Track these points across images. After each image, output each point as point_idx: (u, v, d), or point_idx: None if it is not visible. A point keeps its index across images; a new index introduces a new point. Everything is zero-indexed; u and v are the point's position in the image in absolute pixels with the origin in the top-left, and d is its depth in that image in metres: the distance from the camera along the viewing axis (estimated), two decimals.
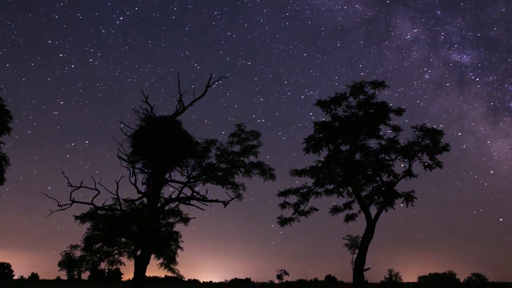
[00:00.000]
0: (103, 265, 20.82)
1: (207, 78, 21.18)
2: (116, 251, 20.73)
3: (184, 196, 20.97)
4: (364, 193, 22.44)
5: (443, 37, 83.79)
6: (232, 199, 20.80)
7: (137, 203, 21.50)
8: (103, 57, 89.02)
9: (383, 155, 22.26)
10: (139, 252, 19.75)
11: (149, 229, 19.68)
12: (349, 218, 23.74)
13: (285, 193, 22.93)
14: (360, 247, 21.46)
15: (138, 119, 20.46)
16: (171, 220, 22.31)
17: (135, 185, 20.31)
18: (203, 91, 20.99)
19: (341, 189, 23.14)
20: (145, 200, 20.72)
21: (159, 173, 20.39)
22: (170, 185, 20.92)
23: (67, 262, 20.11)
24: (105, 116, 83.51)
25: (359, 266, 20.72)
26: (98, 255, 20.28)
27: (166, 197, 21.06)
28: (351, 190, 22.76)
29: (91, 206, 19.98)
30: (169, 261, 21.69)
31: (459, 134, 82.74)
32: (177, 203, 21.49)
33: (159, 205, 20.53)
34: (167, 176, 20.73)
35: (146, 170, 20.83)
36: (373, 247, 21.83)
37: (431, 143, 21.35)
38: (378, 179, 22.37)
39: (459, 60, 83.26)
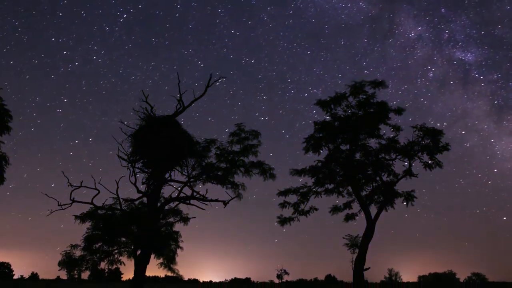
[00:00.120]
0: (103, 265, 20.79)
1: (210, 75, 21.08)
2: (116, 251, 20.72)
3: (184, 195, 20.95)
4: (364, 193, 22.45)
5: (447, 35, 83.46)
6: (232, 198, 20.79)
7: (137, 202, 21.52)
8: (107, 54, 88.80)
9: (383, 155, 22.26)
10: (139, 252, 19.75)
11: (149, 229, 19.67)
12: (349, 218, 23.73)
13: (285, 192, 22.95)
14: (360, 246, 21.47)
15: (138, 118, 20.51)
16: (171, 219, 22.33)
17: (135, 184, 20.32)
18: (203, 91, 21.03)
19: (341, 189, 23.14)
20: (145, 199, 20.72)
21: (159, 172, 20.38)
22: (170, 185, 20.91)
23: (67, 262, 20.06)
24: (109, 114, 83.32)
25: (359, 265, 20.72)
26: (98, 254, 20.25)
27: (166, 196, 21.05)
28: (351, 190, 22.77)
29: (91, 206, 19.99)
30: (169, 260, 21.70)
31: (463, 132, 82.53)
32: (177, 202, 21.49)
33: (159, 204, 20.52)
34: (167, 175, 20.73)
35: (146, 170, 20.84)
36: (373, 246, 21.87)
37: (431, 143, 21.34)
38: (378, 178, 22.38)
39: (463, 58, 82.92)
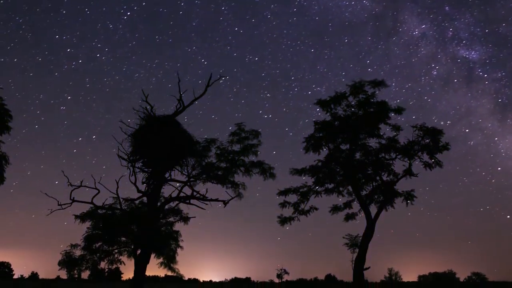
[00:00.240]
0: (103, 264, 20.78)
1: (214, 73, 21.09)
2: (116, 250, 20.72)
3: (184, 195, 20.94)
4: (364, 192, 22.47)
5: (451, 33, 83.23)
6: (232, 198, 20.79)
7: (137, 202, 21.54)
8: (110, 52, 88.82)
9: (383, 154, 22.26)
10: (139, 251, 19.74)
11: (149, 228, 19.67)
12: (349, 217, 23.75)
13: (285, 192, 22.96)
14: (360, 246, 21.48)
15: (138, 118, 20.51)
16: (171, 219, 22.36)
17: (135, 184, 20.31)
18: (204, 90, 21.02)
19: (341, 188, 23.15)
20: (145, 199, 20.72)
21: (159, 172, 20.38)
22: (170, 184, 20.90)
23: (67, 261, 20.04)
24: (113, 111, 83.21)
25: (359, 265, 20.73)
26: (98, 254, 20.24)
27: (166, 196, 21.05)
28: (351, 189, 22.78)
29: (91, 205, 19.99)
30: (169, 260, 21.70)
31: (467, 130, 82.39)
32: (177, 202, 21.49)
33: (159, 204, 20.52)
34: (167, 175, 20.73)
35: (146, 169, 20.83)
36: (373, 246, 21.89)
37: (431, 142, 21.35)
38: (378, 178, 22.39)
39: (467, 56, 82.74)
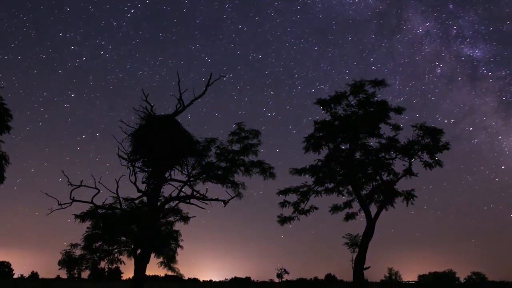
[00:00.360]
0: (103, 264, 20.74)
1: (217, 71, 21.07)
2: (116, 250, 20.70)
3: (184, 195, 20.96)
4: (364, 192, 22.47)
5: (455, 31, 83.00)
6: (232, 198, 20.82)
7: (137, 202, 21.51)
8: (114, 49, 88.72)
9: (383, 154, 22.27)
10: (139, 251, 19.75)
11: (149, 228, 19.67)
12: (349, 217, 23.75)
13: (285, 191, 22.96)
14: (360, 246, 21.48)
15: (139, 118, 20.51)
16: (171, 219, 22.33)
17: (135, 184, 20.32)
18: (204, 89, 21.01)
19: (341, 188, 23.16)
20: (145, 199, 20.73)
21: (159, 172, 20.39)
22: (170, 184, 20.92)
23: (67, 261, 20.02)
24: (116, 109, 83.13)
25: (359, 265, 20.73)
26: (98, 254, 20.22)
27: (166, 196, 21.06)
28: (351, 189, 22.79)
29: (91, 205, 19.98)
30: (169, 260, 21.67)
31: (471, 129, 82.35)
32: (177, 202, 21.48)
33: (159, 204, 20.53)
34: (167, 175, 20.76)
35: (146, 169, 20.85)
36: (373, 246, 21.91)
37: (431, 142, 21.35)
38: (378, 178, 22.39)
39: (471, 54, 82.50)
